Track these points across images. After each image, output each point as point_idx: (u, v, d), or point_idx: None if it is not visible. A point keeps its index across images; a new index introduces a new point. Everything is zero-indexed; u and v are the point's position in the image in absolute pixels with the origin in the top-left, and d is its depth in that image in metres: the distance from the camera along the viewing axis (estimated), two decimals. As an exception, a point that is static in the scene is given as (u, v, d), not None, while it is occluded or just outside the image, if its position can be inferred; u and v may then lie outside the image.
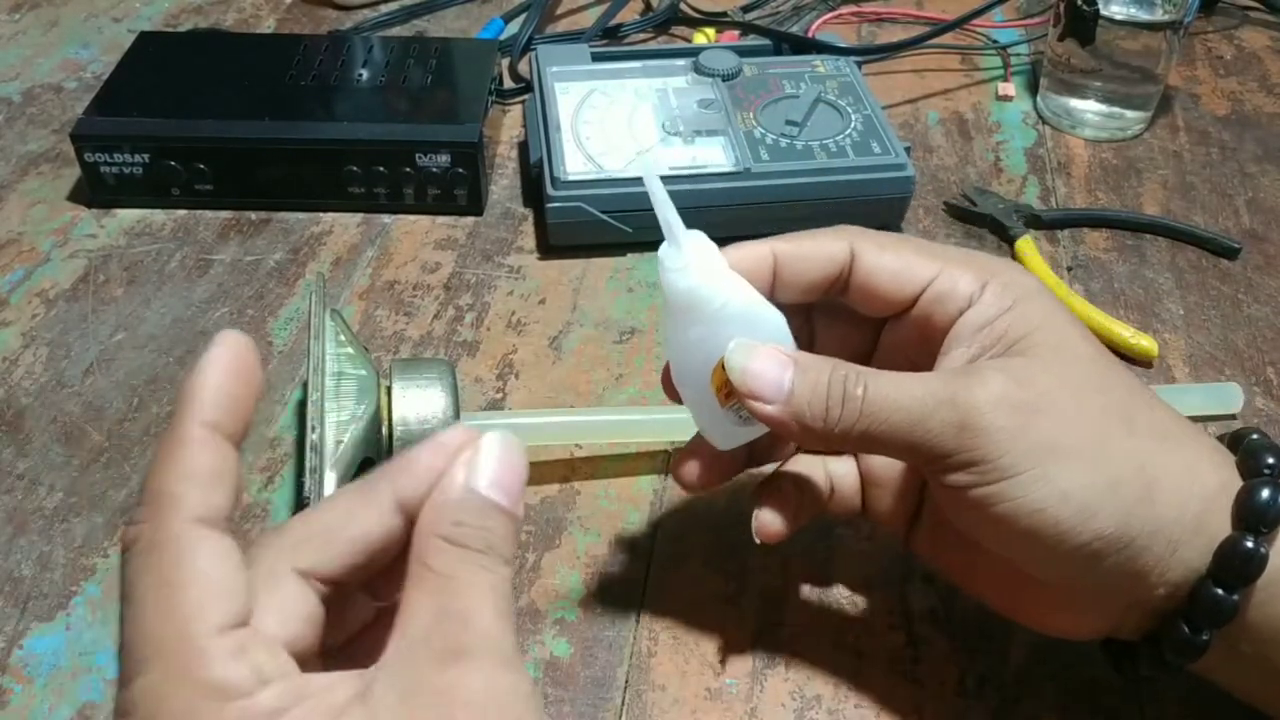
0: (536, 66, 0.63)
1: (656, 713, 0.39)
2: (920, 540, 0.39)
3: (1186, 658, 0.33)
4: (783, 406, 0.33)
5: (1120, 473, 0.32)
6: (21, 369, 0.51)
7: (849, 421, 0.33)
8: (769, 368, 0.33)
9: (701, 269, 0.34)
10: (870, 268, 0.36)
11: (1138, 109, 0.67)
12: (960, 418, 0.32)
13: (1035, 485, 0.31)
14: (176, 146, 0.58)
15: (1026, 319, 0.34)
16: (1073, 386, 0.33)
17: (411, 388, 0.42)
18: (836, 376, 0.33)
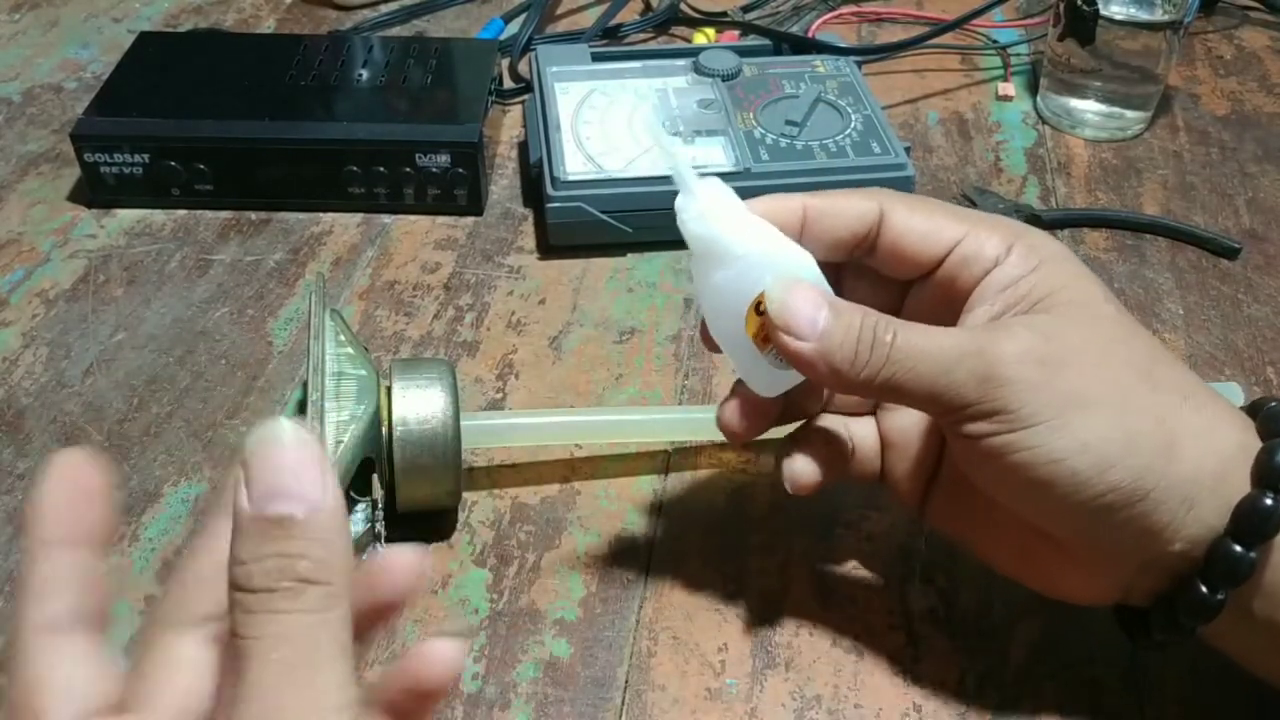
0: (536, 66, 0.63)
1: (656, 713, 0.39)
2: (935, 506, 0.39)
3: (1201, 618, 0.33)
4: (815, 344, 0.33)
5: (1140, 426, 0.32)
6: (21, 369, 0.51)
7: (876, 367, 0.33)
8: (805, 305, 0.33)
9: (718, 214, 0.34)
10: (899, 228, 0.36)
11: (1138, 109, 0.67)
12: (986, 368, 0.32)
13: (1054, 435, 0.32)
14: (176, 146, 0.58)
15: (1051, 279, 0.34)
16: (1096, 342, 0.33)
17: (411, 388, 0.42)
18: (868, 322, 0.33)
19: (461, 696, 0.39)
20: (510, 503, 0.46)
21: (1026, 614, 0.42)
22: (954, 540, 0.40)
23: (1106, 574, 0.35)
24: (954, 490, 0.38)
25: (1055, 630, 0.41)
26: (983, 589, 0.42)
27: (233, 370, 0.51)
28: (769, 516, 0.45)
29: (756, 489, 0.46)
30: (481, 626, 0.41)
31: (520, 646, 0.41)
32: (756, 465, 0.47)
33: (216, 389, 0.50)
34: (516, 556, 0.44)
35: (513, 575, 0.43)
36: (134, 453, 0.47)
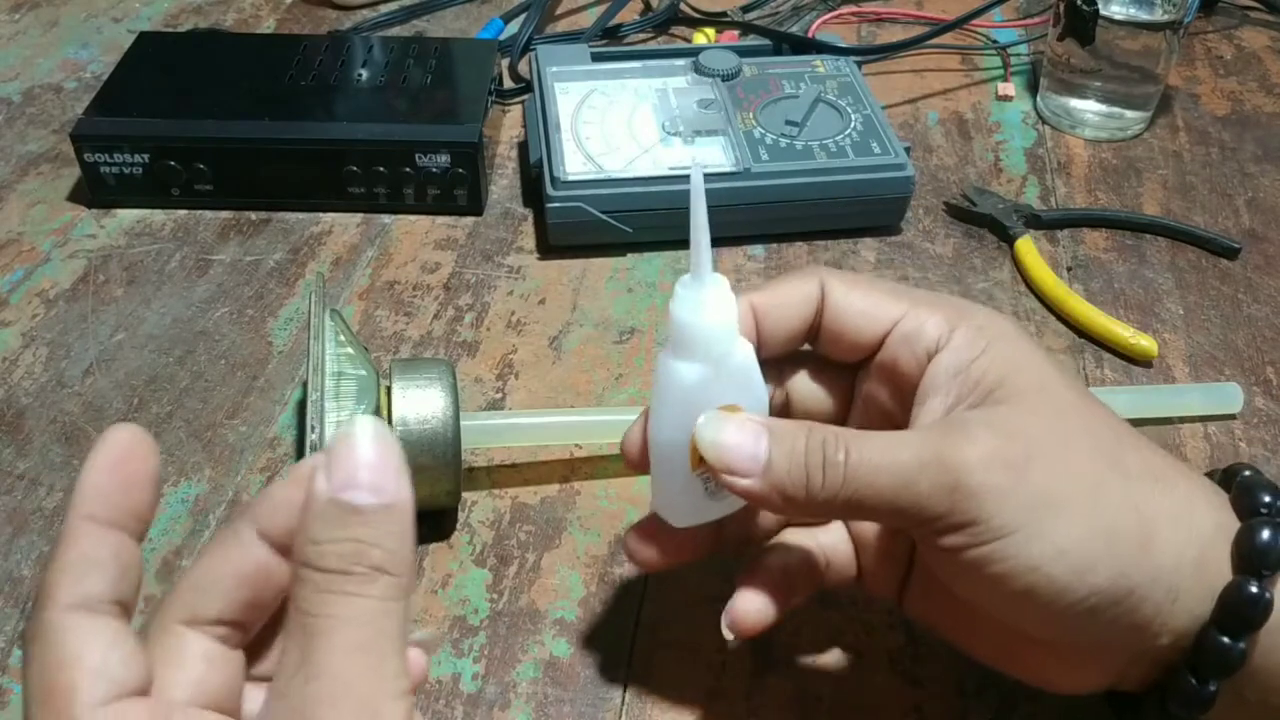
0: (536, 66, 0.63)
1: (656, 713, 0.39)
2: (912, 600, 0.37)
3: (1194, 710, 0.32)
4: (760, 479, 0.32)
5: (1116, 521, 0.31)
6: (21, 369, 0.51)
7: (833, 488, 0.31)
8: (743, 439, 0.32)
9: (716, 312, 0.32)
10: (839, 306, 0.35)
11: (1137, 109, 0.67)
12: (950, 479, 0.30)
13: (1030, 543, 0.30)
14: (176, 146, 0.58)
15: (1003, 362, 0.33)
16: (1060, 433, 0.32)
17: (411, 388, 0.42)
18: (814, 441, 0.31)
19: (461, 696, 0.39)
20: (510, 503, 0.46)
21: (1026, 614, 0.41)
22: (935, 634, 0.38)
23: (1096, 668, 0.34)
24: (929, 590, 0.37)
25: (1055, 630, 0.41)
26: (983, 589, 0.42)
27: (233, 370, 0.51)
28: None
29: (756, 489, 0.46)
30: (481, 626, 0.41)
31: (520, 646, 0.41)
32: (756, 465, 0.47)
33: (216, 389, 0.50)
34: (516, 556, 0.44)
35: (513, 575, 0.43)
36: (134, 453, 0.47)
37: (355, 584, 0.23)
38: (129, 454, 0.26)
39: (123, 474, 0.26)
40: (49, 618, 0.24)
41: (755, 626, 0.36)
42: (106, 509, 0.25)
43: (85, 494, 0.25)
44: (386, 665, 0.23)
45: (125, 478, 0.26)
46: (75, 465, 0.47)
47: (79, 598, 0.25)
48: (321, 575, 0.23)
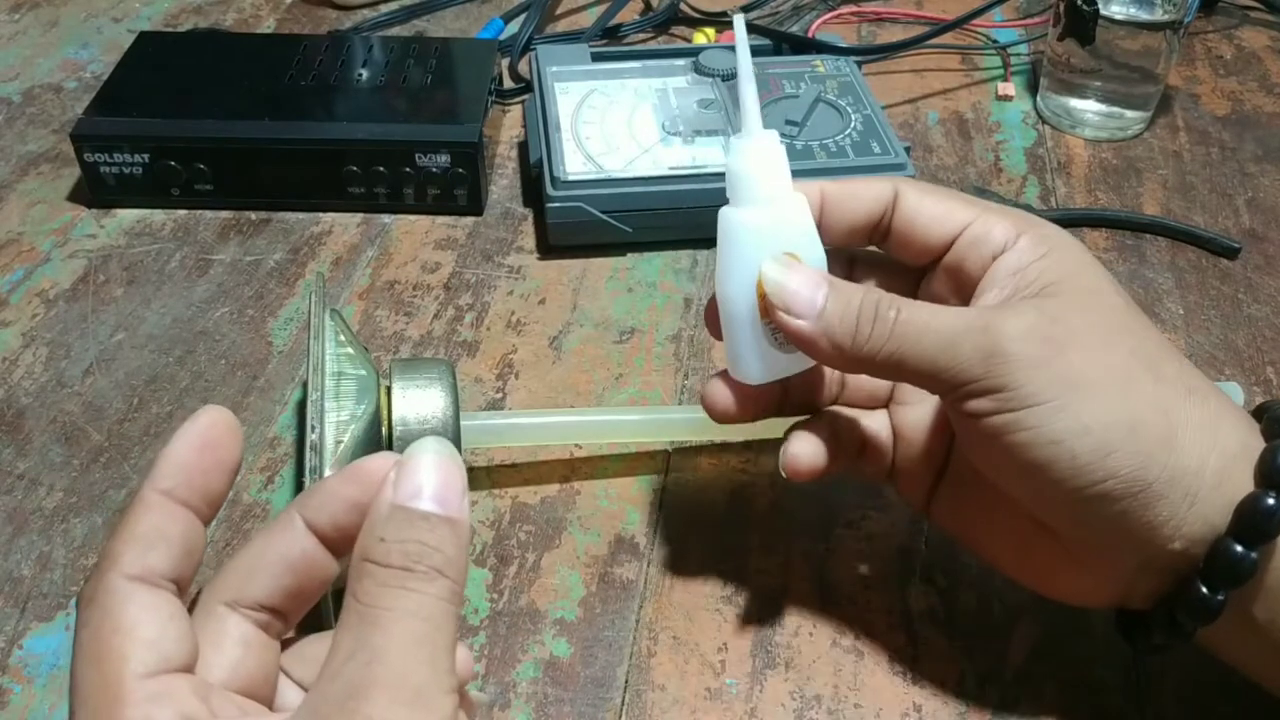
0: (536, 66, 0.63)
1: (656, 713, 0.39)
2: (939, 504, 0.39)
3: (1201, 619, 0.33)
4: (814, 322, 0.34)
5: (1143, 415, 0.32)
6: (21, 369, 0.51)
7: (879, 341, 0.33)
8: (804, 284, 0.34)
9: (767, 161, 0.35)
10: (912, 209, 0.36)
11: (1138, 109, 0.67)
12: (990, 344, 0.32)
13: (1055, 416, 0.32)
14: (176, 146, 0.58)
15: (1060, 266, 0.34)
16: (1102, 328, 0.33)
17: (411, 388, 0.42)
18: (869, 299, 0.34)
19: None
20: (510, 503, 0.46)
21: (1026, 614, 0.42)
22: (956, 538, 0.40)
23: (1106, 572, 0.35)
24: (959, 488, 0.38)
25: (1055, 630, 0.41)
26: (983, 589, 0.42)
27: (233, 370, 0.51)
28: (769, 516, 0.45)
29: (756, 489, 0.46)
30: (481, 626, 0.41)
31: (520, 646, 0.41)
32: (756, 465, 0.47)
33: (216, 389, 0.50)
34: (516, 556, 0.44)
35: (513, 575, 0.43)
36: (134, 453, 0.47)
37: (416, 581, 0.24)
38: (218, 439, 0.26)
39: (209, 457, 0.26)
40: (110, 583, 0.25)
41: (809, 467, 0.38)
42: (184, 487, 0.26)
43: (167, 468, 0.26)
44: (441, 660, 0.24)
45: (210, 461, 0.26)
46: (75, 465, 0.47)
47: (143, 569, 0.25)
48: (385, 570, 0.24)
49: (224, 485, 0.27)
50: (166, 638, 0.25)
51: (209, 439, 0.26)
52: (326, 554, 0.28)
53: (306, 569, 0.28)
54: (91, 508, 0.45)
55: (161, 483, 0.26)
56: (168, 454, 0.26)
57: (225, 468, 0.27)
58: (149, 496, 0.26)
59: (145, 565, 0.25)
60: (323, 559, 0.28)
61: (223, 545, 0.44)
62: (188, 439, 0.26)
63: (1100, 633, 0.41)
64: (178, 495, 0.26)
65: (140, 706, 0.24)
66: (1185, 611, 0.33)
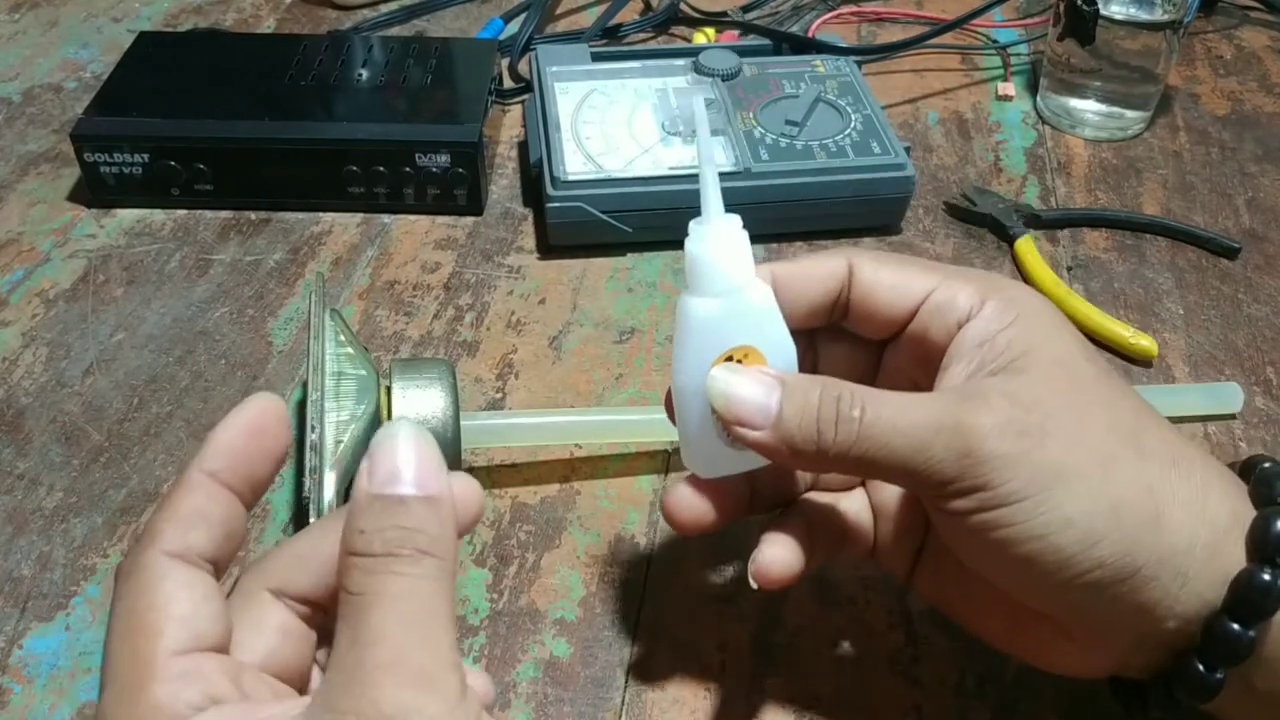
0: (536, 66, 0.63)
1: (656, 713, 0.39)
2: (922, 578, 0.38)
3: (1200, 698, 0.32)
4: (770, 431, 0.32)
5: (1126, 497, 0.31)
6: (21, 369, 0.51)
7: (845, 444, 0.31)
8: (754, 392, 0.32)
9: (727, 247, 0.33)
10: (869, 282, 0.35)
11: (1137, 109, 0.67)
12: (963, 445, 0.31)
13: (1038, 511, 0.30)
14: (176, 146, 0.58)
15: (1029, 334, 0.33)
16: (1078, 405, 0.32)
17: (411, 388, 0.42)
18: (829, 396, 0.32)
19: (461, 696, 0.39)
20: (510, 503, 0.46)
21: (1026, 614, 0.41)
22: (944, 612, 0.38)
23: (1100, 649, 0.34)
24: (941, 563, 0.37)
25: (1055, 630, 0.41)
26: (983, 589, 0.42)
27: (233, 370, 0.51)
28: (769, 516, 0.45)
29: (756, 489, 0.46)
30: (481, 626, 0.41)
31: (520, 646, 0.41)
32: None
33: (216, 389, 0.50)
34: (516, 556, 0.44)
35: (513, 575, 0.43)
36: (134, 453, 0.47)
37: (402, 564, 0.24)
38: (267, 426, 0.27)
39: (255, 443, 0.27)
40: (150, 558, 0.25)
41: (781, 576, 0.35)
42: (230, 471, 0.26)
43: (215, 450, 0.26)
44: (440, 639, 0.24)
45: (257, 447, 0.27)
46: (75, 465, 0.47)
47: (182, 546, 0.25)
48: (369, 559, 0.24)
49: (268, 471, 0.27)
50: (200, 616, 0.25)
51: (257, 425, 0.27)
52: None
53: None
54: (91, 508, 0.45)
55: (208, 464, 0.26)
56: (216, 437, 0.26)
57: (271, 455, 0.27)
58: (194, 477, 0.26)
59: (185, 543, 0.26)
60: None
61: (223, 545, 0.44)
62: (236, 424, 0.27)
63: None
64: (222, 478, 0.26)
65: (169, 684, 0.24)
66: (1184, 690, 0.32)
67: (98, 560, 0.43)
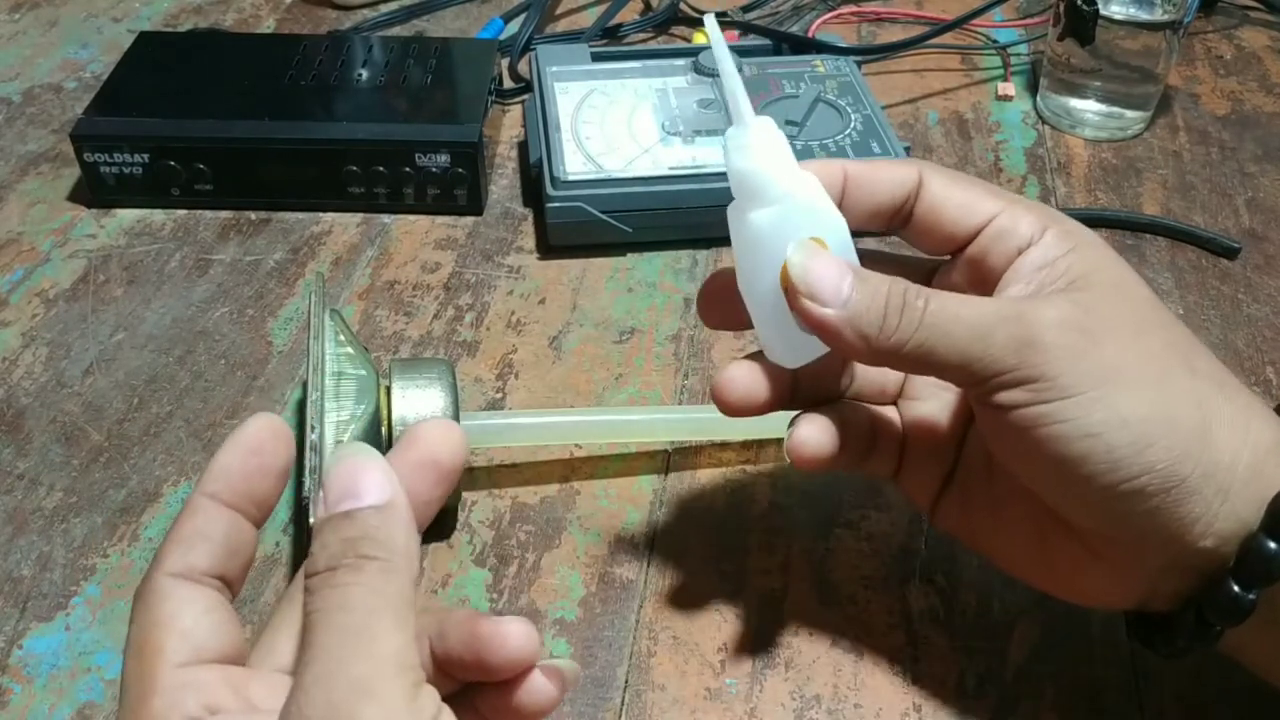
0: (536, 66, 0.64)
1: (656, 713, 0.39)
2: (946, 507, 0.38)
3: (1231, 619, 0.32)
4: (839, 310, 0.32)
5: (1179, 409, 0.31)
6: (21, 369, 0.51)
7: (907, 332, 0.32)
8: (830, 272, 0.32)
9: (767, 151, 0.33)
10: (936, 197, 0.35)
11: (1137, 109, 0.67)
12: (1024, 334, 0.31)
13: (1094, 407, 0.31)
14: (176, 146, 0.58)
15: (1086, 261, 0.34)
16: (1135, 321, 0.33)
17: (411, 388, 0.42)
18: (896, 288, 0.32)
19: (461, 696, 0.39)
20: (510, 503, 0.46)
21: (1026, 614, 0.42)
22: (962, 540, 0.39)
23: (1130, 572, 0.34)
24: (968, 489, 0.38)
25: (1055, 630, 0.41)
26: (982, 589, 0.42)
27: (233, 370, 0.51)
28: (769, 516, 0.45)
29: (756, 489, 0.46)
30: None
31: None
32: (756, 465, 0.47)
33: (216, 389, 0.50)
34: (516, 556, 0.44)
35: (512, 575, 0.43)
36: (134, 453, 0.47)
37: (342, 575, 0.24)
38: (262, 445, 0.28)
39: (253, 463, 0.28)
40: (155, 581, 0.26)
41: (815, 455, 0.36)
42: (229, 491, 0.27)
43: (212, 474, 0.27)
44: (380, 645, 0.24)
45: (253, 466, 0.28)
46: (75, 465, 0.47)
47: (184, 567, 0.27)
48: (315, 578, 0.25)
49: (269, 487, 0.28)
50: (200, 630, 0.26)
51: (253, 445, 0.28)
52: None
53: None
54: (91, 508, 0.45)
55: (207, 487, 0.28)
56: (215, 460, 0.28)
57: (269, 470, 0.28)
58: (196, 500, 0.27)
59: (186, 563, 0.27)
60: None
61: (223, 545, 0.44)
62: (234, 445, 0.28)
63: (1100, 633, 0.41)
64: (223, 498, 0.27)
65: (167, 695, 0.25)
66: (1214, 611, 0.32)
67: (98, 560, 0.43)
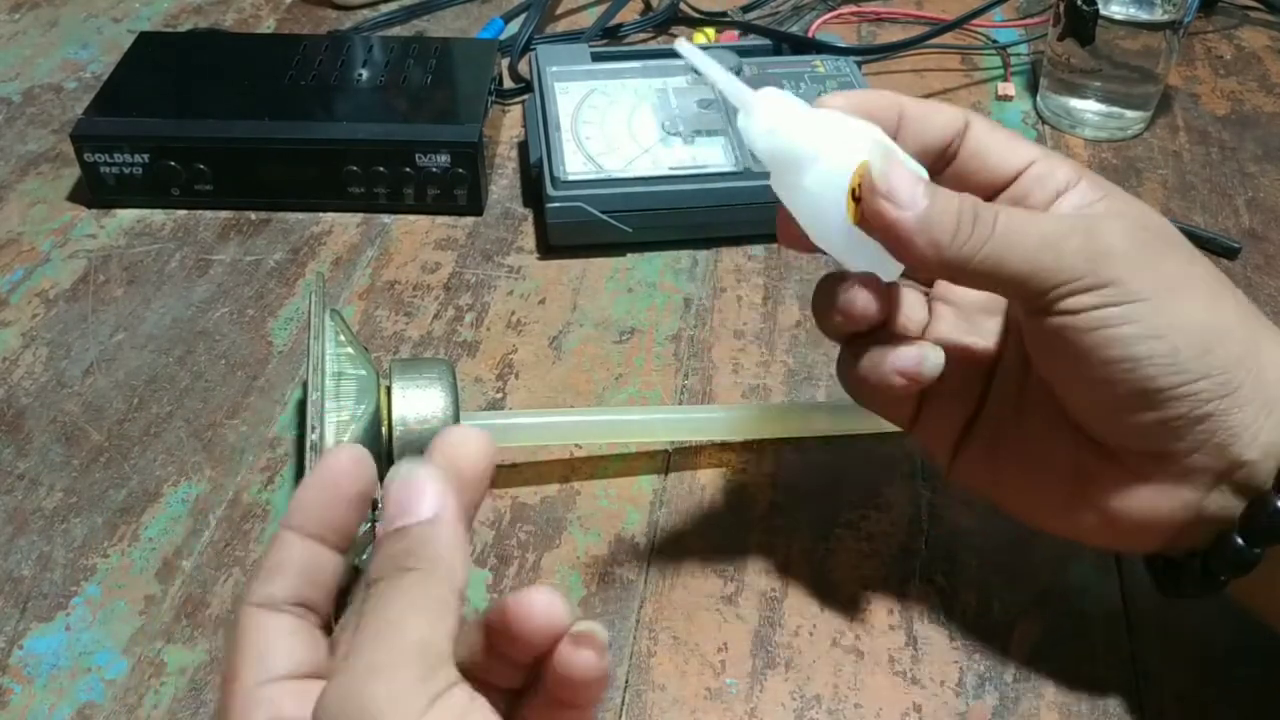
0: (536, 66, 0.64)
1: (656, 713, 0.39)
2: (967, 455, 0.39)
3: (1274, 536, 0.33)
4: (915, 212, 0.33)
5: (1233, 324, 0.34)
6: (21, 369, 0.51)
7: (979, 242, 0.33)
8: (906, 177, 0.33)
9: (786, 124, 0.34)
10: (982, 140, 0.37)
11: (1137, 109, 0.67)
12: (1095, 244, 0.33)
13: (1160, 310, 0.32)
14: (176, 146, 0.58)
15: (1122, 206, 0.35)
16: (1182, 250, 0.35)
17: (411, 388, 0.42)
18: (968, 202, 0.33)
19: (461, 696, 0.39)
20: (510, 503, 0.46)
21: (1026, 614, 0.42)
22: (986, 495, 0.39)
23: (1174, 494, 0.35)
24: (996, 432, 0.38)
25: (1055, 630, 0.41)
26: (982, 589, 0.42)
27: (233, 370, 0.51)
28: (769, 516, 0.45)
29: (756, 489, 0.46)
30: (481, 626, 0.41)
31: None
32: (756, 465, 0.47)
33: (216, 389, 0.50)
34: (516, 556, 0.44)
35: (513, 575, 0.43)
36: (134, 453, 0.47)
37: (383, 585, 0.26)
38: (340, 476, 0.29)
39: (331, 493, 0.29)
40: (240, 614, 0.28)
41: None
42: (307, 522, 0.29)
43: (292, 507, 0.29)
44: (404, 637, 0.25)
45: (332, 496, 0.29)
46: (75, 465, 0.47)
47: (263, 597, 0.28)
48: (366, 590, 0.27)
49: (346, 514, 0.29)
50: (275, 652, 0.28)
51: (331, 478, 0.29)
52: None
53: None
54: (91, 508, 0.45)
55: (288, 520, 0.29)
56: (295, 495, 0.29)
57: (346, 499, 0.29)
58: (279, 535, 0.29)
59: (266, 594, 0.28)
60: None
61: (223, 545, 0.44)
62: (311, 479, 0.29)
63: (1100, 633, 0.41)
64: (303, 530, 0.29)
65: (239, 714, 0.27)
66: (1256, 527, 0.34)
67: (98, 560, 0.43)
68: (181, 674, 0.39)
